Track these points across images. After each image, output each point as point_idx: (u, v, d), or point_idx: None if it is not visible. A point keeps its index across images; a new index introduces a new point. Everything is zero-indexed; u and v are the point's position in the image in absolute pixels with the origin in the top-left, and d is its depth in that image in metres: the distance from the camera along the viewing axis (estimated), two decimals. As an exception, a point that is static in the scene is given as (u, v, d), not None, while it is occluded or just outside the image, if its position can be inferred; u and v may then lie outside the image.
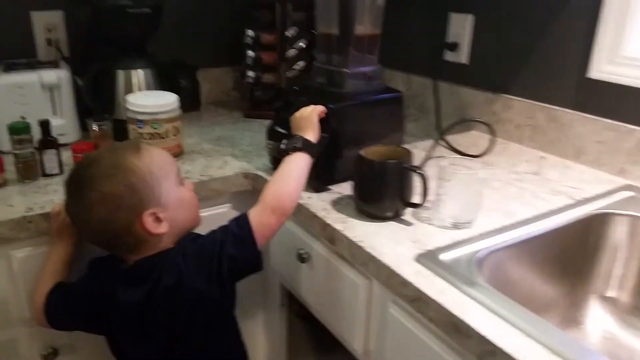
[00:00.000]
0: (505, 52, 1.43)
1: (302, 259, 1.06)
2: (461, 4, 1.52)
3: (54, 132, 1.17)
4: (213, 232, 0.93)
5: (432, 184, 0.94)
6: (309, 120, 1.02)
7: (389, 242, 0.89)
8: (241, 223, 0.92)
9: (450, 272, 0.80)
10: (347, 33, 1.11)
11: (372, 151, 1.00)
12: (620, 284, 1.03)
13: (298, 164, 0.96)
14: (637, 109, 1.15)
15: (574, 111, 1.27)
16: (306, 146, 0.98)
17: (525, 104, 1.37)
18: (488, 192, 1.06)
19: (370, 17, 1.15)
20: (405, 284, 0.80)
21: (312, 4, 1.52)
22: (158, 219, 0.88)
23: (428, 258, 0.84)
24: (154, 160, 0.90)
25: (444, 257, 0.84)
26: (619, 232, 1.03)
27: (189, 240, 0.94)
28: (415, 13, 1.67)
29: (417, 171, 0.93)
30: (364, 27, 1.14)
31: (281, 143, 1.02)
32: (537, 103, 1.35)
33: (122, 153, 0.89)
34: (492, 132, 1.27)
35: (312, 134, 1.01)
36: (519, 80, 1.40)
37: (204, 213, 1.15)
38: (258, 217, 0.92)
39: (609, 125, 1.20)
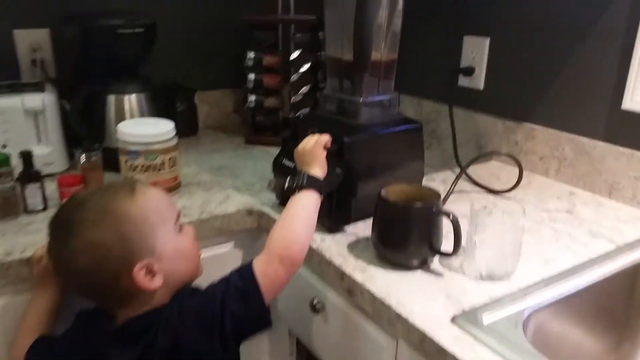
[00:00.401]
0: (525, 78, 1.33)
1: (316, 309, 0.94)
2: (477, 26, 1.43)
3: (39, 162, 1.06)
4: (213, 285, 0.81)
5: (464, 229, 0.83)
6: (313, 153, 0.92)
7: (418, 298, 0.78)
8: (245, 275, 0.80)
9: (495, 338, 0.69)
10: (362, 59, 1.01)
11: (394, 190, 0.89)
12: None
13: (305, 205, 0.86)
14: (678, 143, 1.06)
15: (606, 143, 1.17)
16: (312, 183, 0.87)
17: (550, 134, 1.27)
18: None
19: (386, 41, 1.05)
20: (443, 352, 0.68)
21: (316, 26, 1.44)
22: (151, 272, 0.77)
23: (467, 320, 0.72)
24: (150, 205, 0.80)
25: (485, 318, 0.73)
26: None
27: (186, 294, 0.82)
28: (427, 35, 1.57)
29: (449, 216, 0.82)
30: (379, 52, 1.04)
31: (286, 181, 0.90)
32: (563, 133, 1.25)
33: (114, 195, 0.79)
34: (520, 167, 1.17)
35: (318, 169, 0.91)
36: (542, 109, 1.30)
37: (204, 254, 1.04)
38: (264, 267, 0.80)
39: (647, 160, 1.10)
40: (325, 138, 0.95)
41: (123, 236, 0.75)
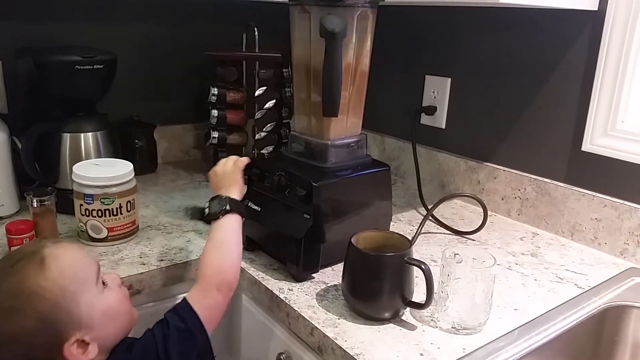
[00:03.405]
0: (486, 118, 1.34)
1: (283, 365, 0.90)
2: (439, 66, 1.44)
3: (-15, 205, 0.99)
4: (150, 332, 0.77)
5: (435, 280, 0.82)
6: (233, 176, 0.95)
7: (392, 355, 0.75)
8: (184, 314, 0.78)
9: (473, 400, 0.67)
10: (330, 101, 0.99)
11: (364, 238, 0.88)
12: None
13: (232, 229, 0.87)
14: (637, 186, 1.08)
15: (567, 185, 1.19)
16: (236, 207, 0.89)
17: (512, 175, 1.29)
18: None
19: (355, 82, 1.04)
20: (420, 416, 0.66)
21: (281, 63, 1.42)
22: (84, 345, 0.70)
23: (443, 380, 0.70)
24: (66, 273, 0.71)
25: (461, 377, 0.71)
26: (637, 327, 0.93)
27: (122, 350, 0.76)
28: (390, 73, 1.58)
29: (421, 267, 0.81)
30: (348, 92, 1.02)
31: (205, 207, 0.91)
32: (525, 174, 1.27)
33: (22, 273, 0.69)
34: (484, 209, 1.17)
35: (237, 192, 0.93)
36: (504, 149, 1.32)
37: (160, 305, 1.00)
38: (202, 299, 0.79)
39: (607, 202, 1.12)
40: (244, 161, 0.98)
41: (44, 318, 0.68)
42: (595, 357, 0.95)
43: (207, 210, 0.89)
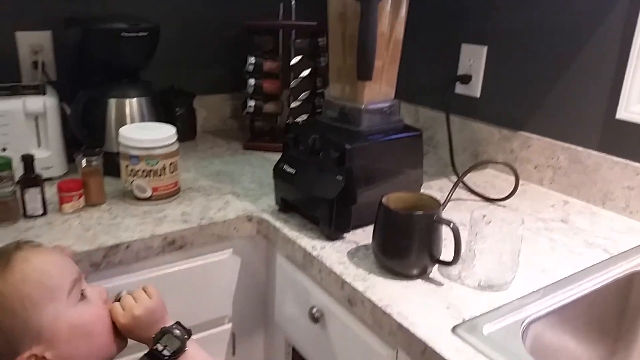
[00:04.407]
0: (522, 87, 1.34)
1: (315, 318, 0.95)
2: (475, 34, 1.44)
3: (38, 166, 1.05)
4: None
5: (463, 239, 0.84)
6: (161, 304, 0.77)
7: (419, 308, 0.79)
8: None
9: (496, 349, 0.70)
10: (364, 66, 1.01)
11: (395, 199, 0.90)
12: (668, 351, 0.94)
13: (201, 353, 0.75)
14: (672, 155, 1.08)
15: (600, 153, 1.19)
16: (187, 332, 0.76)
17: (545, 143, 1.29)
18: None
19: (389, 49, 1.06)
20: (444, 362, 0.69)
21: (317, 32, 1.45)
22: None
23: (468, 330, 0.73)
24: (29, 278, 0.64)
25: (485, 329, 0.74)
26: (664, 293, 0.94)
27: None
28: (425, 42, 1.58)
29: (449, 225, 0.83)
30: (382, 60, 1.05)
31: (158, 349, 0.72)
32: (558, 142, 1.27)
33: None
34: (516, 175, 1.18)
35: (167, 317, 0.77)
36: (538, 118, 1.32)
37: (202, 260, 1.05)
38: None
39: (640, 170, 1.12)
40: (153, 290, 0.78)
41: None
42: (621, 321, 0.96)
43: (165, 353, 0.71)
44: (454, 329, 0.74)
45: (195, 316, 1.08)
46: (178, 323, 0.75)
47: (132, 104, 1.24)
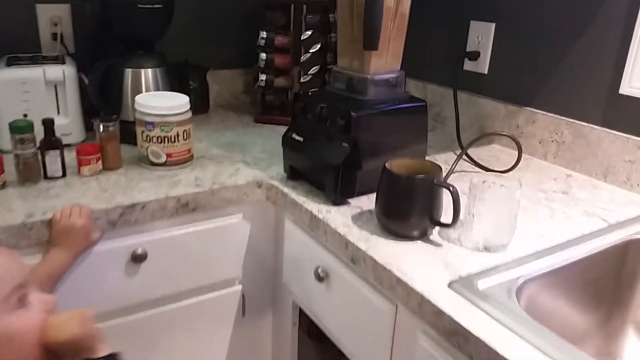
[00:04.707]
0: (528, 64, 1.37)
1: (320, 277, 0.99)
2: (483, 12, 1.46)
3: (58, 132, 1.10)
4: None
5: (462, 202, 0.88)
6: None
7: (418, 266, 0.83)
8: None
9: (489, 302, 0.74)
10: (371, 38, 1.04)
11: (398, 164, 0.94)
12: (660, 315, 0.97)
13: None
14: (673, 129, 1.10)
15: (603, 128, 1.21)
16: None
17: (550, 118, 1.32)
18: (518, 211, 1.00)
19: (394, 22, 1.09)
20: (440, 313, 0.73)
21: (328, 7, 1.47)
22: None
23: (463, 285, 0.77)
24: None
25: (480, 285, 0.78)
26: (658, 260, 0.97)
27: None
28: (434, 20, 1.61)
29: (449, 188, 0.87)
30: (388, 32, 1.08)
31: None
32: (563, 118, 1.29)
33: None
34: (519, 147, 1.21)
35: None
36: (543, 93, 1.34)
37: (213, 224, 1.10)
38: None
39: (642, 144, 1.14)
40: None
41: None
42: (617, 288, 0.99)
43: None
44: (450, 284, 0.78)
45: (206, 277, 1.13)
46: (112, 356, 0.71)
47: (147, 75, 1.28)
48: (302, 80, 1.50)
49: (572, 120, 1.27)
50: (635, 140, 1.15)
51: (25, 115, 1.17)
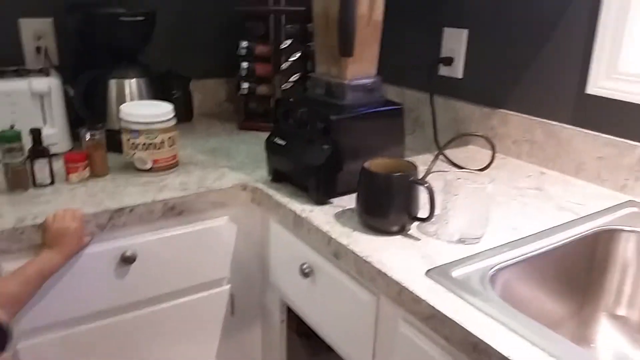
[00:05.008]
0: (500, 67, 1.42)
1: (305, 273, 1.03)
2: (456, 18, 1.52)
3: (45, 142, 1.12)
4: None
5: (438, 198, 0.92)
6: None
7: (397, 258, 0.87)
8: None
9: (464, 288, 0.78)
10: (346, 45, 1.09)
11: (376, 164, 0.98)
12: (630, 302, 1.02)
13: None
14: (637, 125, 1.15)
15: (573, 127, 1.27)
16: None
17: (522, 119, 1.37)
18: (492, 207, 1.04)
19: (369, 30, 1.14)
20: (418, 300, 0.77)
21: (306, 17, 1.52)
22: None
23: (439, 274, 0.81)
24: None
25: (456, 273, 0.82)
26: (626, 249, 1.01)
27: None
28: (409, 27, 1.66)
29: (424, 184, 0.91)
30: (362, 40, 1.12)
31: None
32: (534, 118, 1.35)
33: None
34: (492, 146, 1.26)
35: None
36: (516, 96, 1.40)
37: (201, 226, 1.13)
38: None
39: (609, 141, 1.19)
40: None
41: None
42: (588, 275, 1.03)
43: None
44: (427, 272, 0.82)
45: (195, 277, 1.16)
46: None
47: (131, 85, 1.32)
48: (283, 87, 1.54)
49: (543, 120, 1.33)
50: (604, 138, 1.20)
51: (12, 127, 1.20)
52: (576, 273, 1.02)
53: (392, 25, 1.16)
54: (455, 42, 1.52)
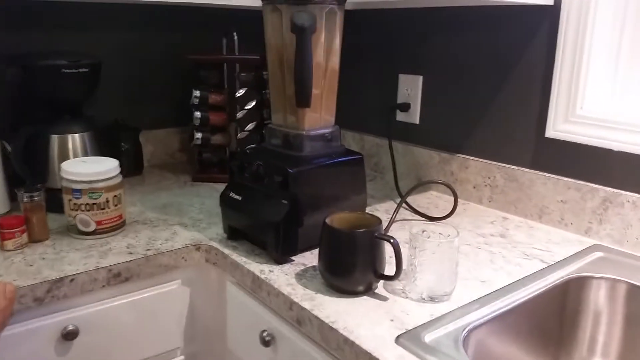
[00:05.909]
0: (457, 112, 1.41)
1: (266, 342, 0.95)
2: (411, 65, 1.51)
3: (-23, 205, 1.03)
4: None
5: (404, 253, 0.88)
6: None
7: (364, 322, 0.81)
8: None
9: (436, 355, 0.72)
10: (303, 95, 1.05)
11: (338, 218, 0.93)
12: (605, 351, 0.99)
13: None
14: (597, 168, 1.15)
15: (533, 170, 1.26)
16: None
17: (482, 164, 1.35)
18: (459, 258, 1.00)
19: (325, 78, 1.10)
20: (389, 372, 0.71)
21: (260, 65, 1.48)
22: None
23: (410, 339, 0.76)
24: None
25: (427, 337, 0.77)
26: (598, 297, 0.99)
27: None
28: (366, 74, 1.65)
29: (390, 241, 0.86)
30: (320, 88, 1.09)
31: None
32: (494, 163, 1.33)
33: None
34: (454, 194, 1.24)
35: None
36: (474, 140, 1.38)
37: (150, 292, 1.05)
38: None
39: (571, 184, 1.18)
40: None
41: None
42: (561, 326, 1.00)
43: None
44: (397, 338, 0.76)
45: (145, 350, 1.07)
46: None
47: (74, 140, 1.23)
48: (239, 136, 1.49)
49: (502, 164, 1.31)
50: (566, 181, 1.19)
51: (-60, 189, 1.10)
52: (549, 325, 0.99)
53: (349, 71, 1.13)
54: (411, 88, 1.51)
